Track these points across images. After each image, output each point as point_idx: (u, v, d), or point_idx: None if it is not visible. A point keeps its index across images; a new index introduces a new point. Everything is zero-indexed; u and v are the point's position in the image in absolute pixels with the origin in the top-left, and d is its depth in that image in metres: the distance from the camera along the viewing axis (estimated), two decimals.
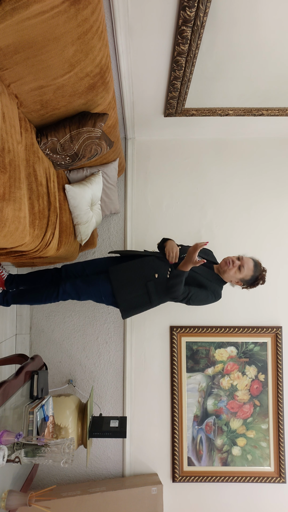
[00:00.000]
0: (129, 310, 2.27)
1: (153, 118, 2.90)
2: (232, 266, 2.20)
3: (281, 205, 3.19)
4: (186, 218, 3.19)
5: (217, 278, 2.29)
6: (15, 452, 1.49)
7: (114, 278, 2.24)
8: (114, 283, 2.23)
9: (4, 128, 1.50)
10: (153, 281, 2.22)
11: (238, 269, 2.20)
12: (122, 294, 2.23)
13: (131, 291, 2.23)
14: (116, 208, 3.07)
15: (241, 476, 2.98)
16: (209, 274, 2.28)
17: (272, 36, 1.97)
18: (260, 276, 2.25)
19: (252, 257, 2.28)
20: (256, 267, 2.23)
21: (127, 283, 2.23)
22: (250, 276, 2.22)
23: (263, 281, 2.27)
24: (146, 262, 2.27)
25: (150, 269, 2.25)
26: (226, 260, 2.24)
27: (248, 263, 2.22)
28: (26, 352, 3.07)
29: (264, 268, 2.29)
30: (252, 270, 2.21)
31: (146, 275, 2.23)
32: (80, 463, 2.99)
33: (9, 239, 1.57)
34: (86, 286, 2.32)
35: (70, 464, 1.48)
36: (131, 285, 2.23)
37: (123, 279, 2.24)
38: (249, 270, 2.21)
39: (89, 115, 1.93)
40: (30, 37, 1.40)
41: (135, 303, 2.25)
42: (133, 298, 2.24)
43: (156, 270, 2.24)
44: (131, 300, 2.24)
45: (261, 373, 3.06)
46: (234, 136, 3.24)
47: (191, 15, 1.73)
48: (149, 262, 2.27)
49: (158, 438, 3.02)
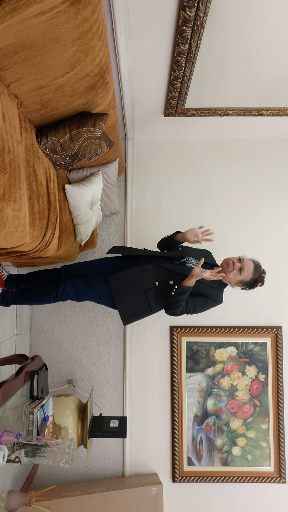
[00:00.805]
0: (129, 317, 2.27)
1: (153, 118, 2.90)
2: (233, 268, 2.19)
3: (281, 205, 3.19)
4: (186, 218, 3.19)
5: (218, 282, 2.28)
6: (15, 452, 1.49)
7: (114, 286, 2.23)
8: (114, 291, 2.22)
9: (4, 128, 1.50)
10: (153, 290, 2.21)
11: (238, 271, 2.20)
12: (122, 302, 2.23)
13: (131, 299, 2.22)
14: (116, 208, 3.07)
15: (241, 476, 2.98)
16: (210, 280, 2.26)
17: (272, 36, 1.97)
18: (259, 278, 2.24)
19: (252, 259, 2.27)
20: (256, 269, 2.22)
21: (127, 292, 2.22)
22: (249, 279, 2.22)
23: (262, 283, 2.26)
24: (146, 270, 2.24)
25: (150, 277, 2.23)
26: (227, 261, 2.22)
27: (248, 265, 2.21)
28: (26, 352, 3.07)
29: (264, 270, 2.28)
30: (252, 273, 2.21)
31: (146, 284, 2.22)
32: (80, 463, 2.99)
33: (9, 239, 1.57)
34: (85, 288, 2.31)
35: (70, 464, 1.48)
36: (131, 294, 2.22)
37: (122, 288, 2.22)
38: (249, 273, 2.20)
39: (89, 115, 1.93)
40: (30, 37, 1.40)
41: (135, 311, 2.25)
42: (133, 306, 2.23)
43: (156, 278, 2.22)
44: (131, 308, 2.24)
45: (261, 373, 3.06)
46: (234, 136, 3.24)
47: (191, 15, 1.73)
48: (149, 270, 2.24)
49: (158, 438, 3.02)
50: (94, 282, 2.32)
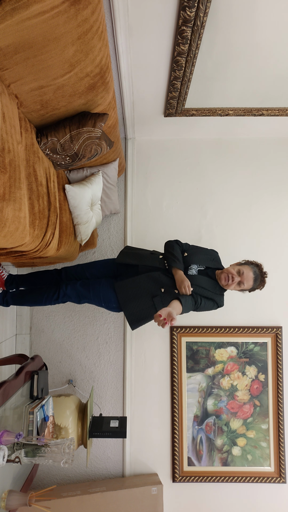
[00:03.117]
0: (137, 322, 2.28)
1: (153, 118, 2.90)
2: (232, 282, 2.19)
3: (282, 205, 3.19)
4: (186, 218, 3.19)
5: (219, 288, 2.29)
6: (15, 452, 1.49)
7: (120, 293, 2.24)
8: (121, 298, 2.24)
9: (4, 128, 1.50)
10: (160, 296, 2.23)
11: (237, 284, 2.20)
12: (129, 308, 2.24)
13: (138, 305, 2.24)
14: (116, 208, 3.07)
15: (241, 476, 2.97)
16: (212, 286, 2.26)
17: (272, 36, 1.97)
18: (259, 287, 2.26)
19: (253, 267, 2.24)
20: (257, 279, 2.22)
21: (134, 298, 2.24)
22: (249, 288, 2.24)
23: (262, 286, 2.28)
24: (152, 278, 2.25)
25: (156, 284, 2.24)
26: (226, 275, 2.21)
27: (248, 277, 2.19)
28: (26, 352, 3.07)
29: (266, 272, 2.28)
30: (252, 284, 2.21)
31: (152, 291, 2.23)
32: (80, 463, 2.99)
33: (9, 239, 1.57)
34: (86, 291, 2.33)
35: (70, 464, 1.48)
36: (138, 300, 2.24)
37: (129, 295, 2.24)
38: (249, 284, 2.20)
39: (89, 115, 1.93)
40: (30, 37, 1.40)
41: (142, 315, 2.26)
42: (140, 311, 2.25)
43: (162, 285, 2.23)
44: (138, 313, 2.25)
45: (261, 373, 3.06)
46: (234, 136, 3.24)
47: (191, 15, 1.73)
48: (156, 278, 2.25)
49: (158, 438, 3.02)
50: (94, 285, 2.33)
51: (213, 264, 2.35)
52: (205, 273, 2.30)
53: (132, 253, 2.47)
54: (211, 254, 2.42)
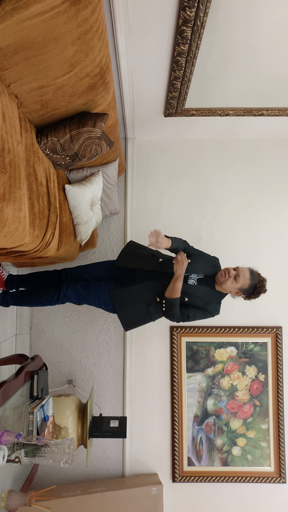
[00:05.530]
0: (130, 325, 2.34)
1: (153, 118, 2.90)
2: (228, 276, 2.19)
3: (281, 205, 3.19)
4: (186, 218, 3.19)
5: (217, 296, 2.30)
6: (15, 452, 1.49)
7: (116, 301, 2.28)
8: (116, 304, 2.28)
9: (4, 128, 1.50)
10: (154, 304, 2.27)
11: (234, 279, 2.20)
12: (124, 313, 2.30)
13: (133, 311, 2.29)
14: (116, 208, 3.07)
15: (241, 476, 2.97)
16: (208, 295, 2.27)
17: (272, 36, 1.97)
18: (259, 285, 2.23)
19: (249, 267, 2.29)
20: (253, 275, 2.22)
21: (129, 305, 2.28)
22: (248, 285, 2.21)
23: (263, 290, 2.25)
24: (148, 287, 2.28)
25: (152, 293, 2.27)
26: (221, 273, 2.25)
27: (244, 272, 2.21)
28: (26, 352, 3.07)
29: (264, 277, 2.27)
30: (249, 278, 2.21)
31: (147, 299, 2.27)
32: (80, 463, 2.99)
33: (9, 239, 1.57)
34: (87, 294, 2.35)
35: (70, 464, 1.48)
36: (133, 307, 2.28)
37: (125, 302, 2.28)
38: (246, 279, 2.20)
39: (89, 115, 1.93)
40: (30, 37, 1.40)
41: (137, 320, 2.32)
42: (135, 316, 2.30)
43: (158, 294, 2.26)
44: (133, 317, 2.31)
45: (261, 373, 3.06)
46: (234, 136, 3.24)
47: (191, 15, 1.73)
48: (152, 287, 2.27)
49: (158, 438, 3.02)
50: (95, 287, 2.34)
51: (212, 271, 2.35)
52: (205, 281, 2.31)
53: (133, 253, 2.47)
54: (212, 261, 2.42)
